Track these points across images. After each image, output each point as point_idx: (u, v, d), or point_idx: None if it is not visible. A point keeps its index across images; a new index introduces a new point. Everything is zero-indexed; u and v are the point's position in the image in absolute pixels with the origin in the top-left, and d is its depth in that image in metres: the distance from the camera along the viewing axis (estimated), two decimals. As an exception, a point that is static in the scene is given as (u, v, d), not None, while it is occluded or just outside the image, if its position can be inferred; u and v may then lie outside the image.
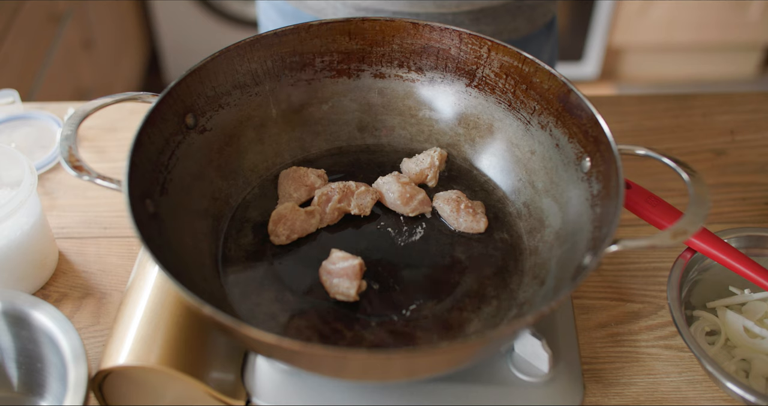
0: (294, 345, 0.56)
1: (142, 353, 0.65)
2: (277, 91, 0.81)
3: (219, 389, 0.66)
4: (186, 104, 0.74)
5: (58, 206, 0.90)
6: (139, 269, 0.74)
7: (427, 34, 0.80)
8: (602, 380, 0.73)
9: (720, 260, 0.73)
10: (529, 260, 0.75)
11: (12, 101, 0.98)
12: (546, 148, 0.77)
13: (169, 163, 0.72)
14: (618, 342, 0.76)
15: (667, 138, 0.97)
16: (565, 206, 0.74)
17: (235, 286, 0.72)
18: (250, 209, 0.79)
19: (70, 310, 0.79)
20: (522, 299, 0.71)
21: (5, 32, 1.66)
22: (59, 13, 1.94)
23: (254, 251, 0.75)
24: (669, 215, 0.74)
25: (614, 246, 0.62)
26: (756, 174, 0.92)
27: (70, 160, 0.67)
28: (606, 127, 0.69)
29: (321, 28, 0.79)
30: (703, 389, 0.72)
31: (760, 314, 0.74)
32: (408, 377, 0.66)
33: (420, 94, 0.84)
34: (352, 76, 0.83)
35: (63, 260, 0.84)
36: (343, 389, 0.68)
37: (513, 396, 0.67)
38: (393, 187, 0.78)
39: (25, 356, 0.69)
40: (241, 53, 0.77)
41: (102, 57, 2.21)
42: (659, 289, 0.80)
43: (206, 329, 0.69)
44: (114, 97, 0.73)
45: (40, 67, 1.82)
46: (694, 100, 1.02)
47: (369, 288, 0.72)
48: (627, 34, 2.49)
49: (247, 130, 0.81)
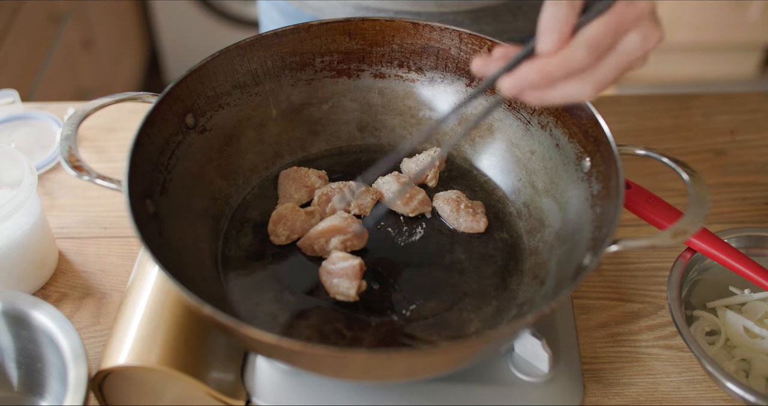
0: (294, 345, 0.56)
1: (142, 353, 0.65)
2: (277, 91, 0.81)
3: (219, 389, 0.66)
4: (186, 104, 0.74)
5: (58, 206, 0.90)
6: (139, 269, 0.74)
7: (427, 34, 0.80)
8: (602, 380, 0.73)
9: (720, 260, 0.73)
10: (529, 260, 0.75)
11: (12, 101, 0.98)
12: (546, 148, 0.77)
13: (169, 163, 0.72)
14: (618, 342, 0.76)
15: (667, 138, 0.97)
16: (565, 206, 0.74)
17: (235, 286, 0.72)
18: (250, 209, 0.79)
19: (70, 310, 0.79)
20: (522, 299, 0.71)
21: (5, 32, 1.66)
22: (59, 13, 1.94)
23: (254, 251, 0.75)
24: (669, 215, 0.74)
25: (614, 246, 0.62)
26: (756, 174, 0.92)
27: (70, 160, 0.67)
28: (606, 127, 0.69)
29: (321, 28, 0.79)
30: (703, 389, 0.72)
31: (760, 314, 0.74)
32: (408, 377, 0.66)
33: (420, 94, 0.84)
34: (352, 76, 0.83)
35: (63, 260, 0.84)
36: (343, 389, 0.68)
37: (513, 396, 0.67)
38: (393, 187, 0.78)
39: (25, 356, 0.69)
40: (241, 53, 0.77)
41: (102, 57, 2.21)
42: (659, 289, 0.80)
43: (206, 329, 0.69)
44: (114, 97, 0.73)
45: (40, 67, 1.82)
46: (694, 100, 1.02)
47: (369, 288, 0.72)
48: (627, 34, 2.49)
49: (247, 130, 0.81)
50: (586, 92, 0.57)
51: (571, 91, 0.57)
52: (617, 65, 0.57)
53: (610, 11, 0.56)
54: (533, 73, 0.57)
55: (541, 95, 0.58)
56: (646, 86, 2.66)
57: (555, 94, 0.58)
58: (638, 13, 0.56)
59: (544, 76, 0.56)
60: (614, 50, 0.57)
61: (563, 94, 0.57)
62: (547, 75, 0.56)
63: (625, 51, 0.57)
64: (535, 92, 0.58)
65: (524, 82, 0.57)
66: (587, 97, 0.58)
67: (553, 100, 0.58)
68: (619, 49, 0.57)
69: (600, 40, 0.55)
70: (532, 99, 0.58)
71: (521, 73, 0.57)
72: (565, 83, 0.57)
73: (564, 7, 0.56)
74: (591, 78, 0.57)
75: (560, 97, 0.58)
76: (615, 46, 0.56)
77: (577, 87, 0.57)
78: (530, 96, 0.58)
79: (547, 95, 0.58)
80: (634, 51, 0.57)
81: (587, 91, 0.57)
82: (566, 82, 0.57)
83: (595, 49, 0.55)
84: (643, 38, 0.56)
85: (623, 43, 0.56)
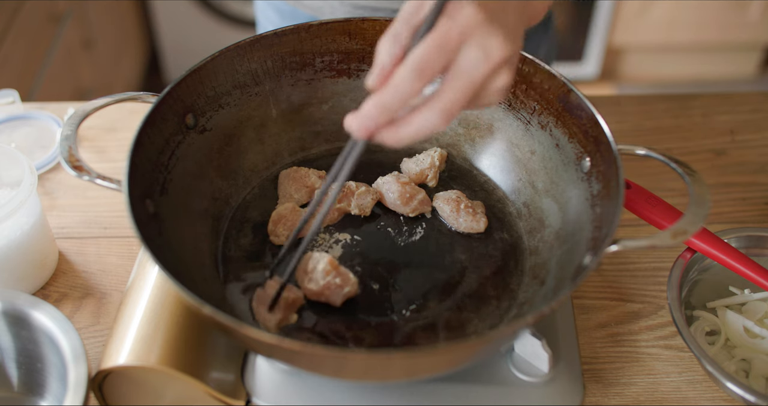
0: (294, 345, 0.56)
1: (142, 353, 0.65)
2: (277, 91, 0.81)
3: (219, 389, 0.66)
4: (186, 104, 0.74)
5: (58, 206, 0.90)
6: (139, 269, 0.74)
7: (427, 34, 0.80)
8: (602, 380, 0.73)
9: (720, 260, 0.73)
10: (529, 260, 0.75)
11: (12, 101, 0.98)
12: (546, 148, 0.77)
13: (169, 163, 0.72)
14: (618, 342, 0.76)
15: (667, 138, 0.97)
16: (565, 206, 0.74)
17: (235, 286, 0.72)
18: (250, 209, 0.79)
19: (70, 310, 0.79)
20: (522, 299, 0.71)
21: (5, 32, 1.66)
22: (59, 13, 1.94)
23: (254, 251, 0.75)
24: (669, 215, 0.74)
25: (614, 246, 0.62)
26: (756, 174, 0.92)
27: (70, 160, 0.67)
28: (606, 127, 0.69)
29: (321, 28, 0.79)
30: (703, 389, 0.72)
31: (760, 314, 0.74)
32: (408, 377, 0.66)
33: (420, 94, 0.83)
34: (352, 76, 0.83)
35: (63, 260, 0.84)
36: (343, 389, 0.68)
37: (513, 396, 0.67)
38: (393, 187, 0.78)
39: (25, 356, 0.69)
40: (241, 53, 0.77)
41: (102, 57, 2.21)
42: (659, 289, 0.80)
43: (206, 329, 0.69)
44: (114, 97, 0.73)
45: (40, 67, 1.82)
46: (694, 100, 1.02)
47: (369, 288, 0.72)
48: (627, 34, 2.49)
49: (247, 130, 0.81)
50: (434, 120, 0.54)
51: (419, 122, 0.54)
52: (462, 87, 0.53)
53: (433, 30, 0.52)
54: (372, 109, 0.54)
55: (395, 134, 0.55)
56: (646, 86, 2.66)
57: (408, 129, 0.55)
58: (462, 26, 0.52)
59: (382, 108, 0.54)
60: (454, 71, 0.53)
61: (415, 127, 0.54)
62: (384, 107, 0.54)
63: (466, 69, 0.53)
64: (387, 132, 0.55)
65: (366, 119, 0.54)
66: (437, 126, 0.54)
67: (408, 136, 0.55)
68: (457, 69, 0.53)
69: (424, 62, 0.52)
70: (389, 140, 0.55)
71: (361, 112, 0.54)
72: (412, 116, 0.54)
73: (386, 39, 0.54)
74: (436, 105, 0.53)
75: (414, 130, 0.54)
76: (450, 66, 0.53)
77: (424, 116, 0.54)
78: (385, 137, 0.55)
79: (401, 132, 0.55)
80: (477, 67, 0.52)
81: (435, 119, 0.53)
82: (414, 115, 0.54)
83: (421, 72, 0.52)
84: (481, 51, 0.52)
85: (460, 61, 0.53)
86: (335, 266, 0.69)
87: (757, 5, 2.37)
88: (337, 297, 0.69)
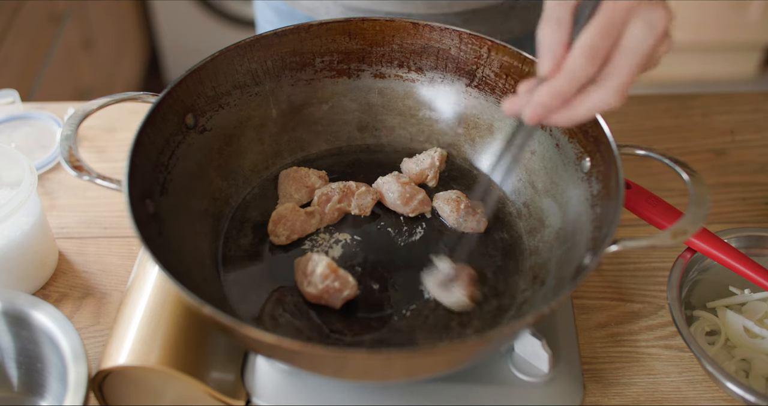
0: (294, 345, 0.56)
1: (142, 353, 0.65)
2: (277, 91, 0.81)
3: (219, 389, 0.66)
4: (186, 104, 0.74)
5: (58, 206, 0.90)
6: (139, 269, 0.74)
7: (427, 34, 0.80)
8: (602, 380, 0.73)
9: (720, 260, 0.73)
10: (529, 260, 0.75)
11: (12, 101, 0.98)
12: (546, 148, 0.77)
13: (169, 163, 0.72)
14: (618, 342, 0.76)
15: (667, 138, 0.97)
16: (565, 206, 0.74)
17: (235, 286, 0.72)
18: (250, 209, 0.79)
19: (70, 310, 0.79)
20: (522, 299, 0.71)
21: (5, 32, 1.66)
22: (59, 13, 1.94)
23: (254, 251, 0.75)
24: (669, 215, 0.74)
25: (614, 246, 0.62)
26: (756, 174, 0.92)
27: (70, 160, 0.67)
28: (606, 127, 0.69)
29: (321, 28, 0.79)
30: (703, 389, 0.72)
31: (760, 314, 0.74)
32: (408, 377, 0.66)
33: (420, 94, 0.84)
34: (352, 76, 0.83)
35: (63, 260, 0.84)
36: (343, 389, 0.68)
37: (513, 396, 0.67)
38: (393, 187, 0.78)
39: (25, 356, 0.69)
40: (241, 53, 0.77)
41: (102, 57, 2.21)
42: (659, 289, 0.80)
43: (206, 329, 0.69)
44: (114, 97, 0.73)
45: (40, 67, 1.82)
46: (694, 100, 1.02)
47: (369, 288, 0.72)
48: (627, 34, 2.49)
49: (247, 130, 0.81)
50: (609, 98, 0.56)
51: (594, 102, 0.56)
52: (631, 63, 0.55)
53: (597, 12, 0.54)
54: (545, 97, 0.56)
55: (568, 115, 0.57)
56: (646, 86, 2.66)
57: (581, 109, 0.57)
58: (627, 5, 0.54)
59: (556, 96, 0.56)
60: (621, 49, 0.55)
61: (588, 107, 0.56)
62: (558, 94, 0.56)
63: (633, 45, 0.55)
64: (560, 114, 0.57)
65: (540, 107, 0.56)
66: (613, 103, 0.56)
67: (581, 116, 0.57)
68: (625, 46, 0.55)
69: (595, 45, 0.54)
70: (561, 121, 0.58)
71: (535, 100, 0.56)
72: (585, 96, 0.56)
73: (549, 25, 0.56)
74: (609, 83, 0.55)
75: (586, 110, 0.57)
76: (619, 45, 0.55)
77: (598, 96, 0.56)
78: (557, 119, 0.57)
79: (574, 113, 0.57)
80: (644, 41, 0.55)
81: (610, 97, 0.56)
82: (587, 95, 0.56)
83: (594, 55, 0.54)
84: (647, 25, 0.55)
85: (627, 39, 0.55)
86: (334, 269, 0.69)
87: (757, 5, 2.37)
88: (337, 301, 0.69)
